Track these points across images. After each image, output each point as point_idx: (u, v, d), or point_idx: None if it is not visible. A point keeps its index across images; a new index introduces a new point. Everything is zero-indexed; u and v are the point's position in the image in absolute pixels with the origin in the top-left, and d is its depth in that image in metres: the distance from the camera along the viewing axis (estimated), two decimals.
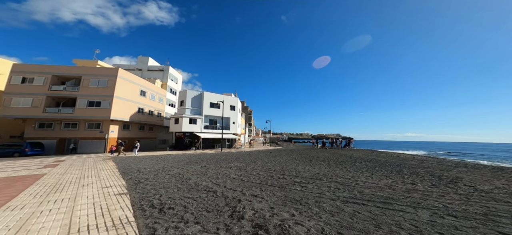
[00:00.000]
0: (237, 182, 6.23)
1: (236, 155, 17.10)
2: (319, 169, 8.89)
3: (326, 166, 9.81)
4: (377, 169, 8.84)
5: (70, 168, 8.85)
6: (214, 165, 9.98)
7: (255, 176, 7.27)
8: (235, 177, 7.08)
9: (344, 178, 6.82)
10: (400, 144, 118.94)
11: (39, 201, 4.23)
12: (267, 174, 7.56)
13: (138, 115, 25.98)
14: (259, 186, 5.70)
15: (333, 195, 4.79)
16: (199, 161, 12.08)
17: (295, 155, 16.30)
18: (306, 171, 8.24)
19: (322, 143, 25.99)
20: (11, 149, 17.66)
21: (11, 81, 19.80)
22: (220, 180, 6.48)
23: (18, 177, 6.78)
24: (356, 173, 7.77)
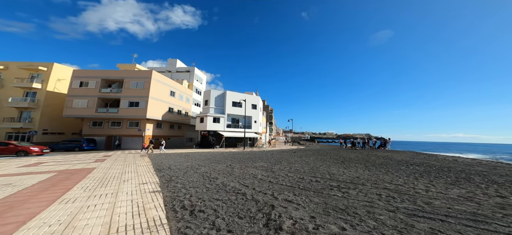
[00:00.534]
0: (265, 184, 5.85)
1: (259, 154, 16.80)
2: (356, 172, 7.86)
3: (363, 169, 8.66)
4: (435, 175, 7.34)
5: (114, 163, 9.86)
6: (239, 165, 9.83)
7: (284, 177, 6.79)
8: (263, 178, 6.71)
9: (395, 185, 5.75)
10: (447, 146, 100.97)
11: (87, 195, 4.59)
12: (297, 176, 6.98)
13: (168, 115, 28.18)
14: (291, 190, 5.20)
15: (389, 205, 3.96)
16: (224, 159, 12.16)
17: (323, 155, 15.08)
18: (342, 174, 7.34)
19: (352, 143, 23.63)
20: (72, 144, 21.16)
21: (72, 85, 23.70)
22: (248, 181, 6.20)
23: (75, 170, 7.78)
24: (407, 179, 6.57)
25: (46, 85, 23.99)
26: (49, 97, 24.07)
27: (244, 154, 16.88)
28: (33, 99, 23.27)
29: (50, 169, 7.99)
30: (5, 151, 13.93)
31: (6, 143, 14.34)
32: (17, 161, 11.23)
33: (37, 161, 11.11)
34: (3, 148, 13.96)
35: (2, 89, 23.21)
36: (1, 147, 13.98)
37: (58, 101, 24.59)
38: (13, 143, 14.38)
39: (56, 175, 6.71)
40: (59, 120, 24.85)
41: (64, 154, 16.43)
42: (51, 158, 13.32)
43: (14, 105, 22.47)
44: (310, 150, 22.98)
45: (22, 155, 14.18)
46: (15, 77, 23.46)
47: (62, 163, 10.18)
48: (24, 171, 7.45)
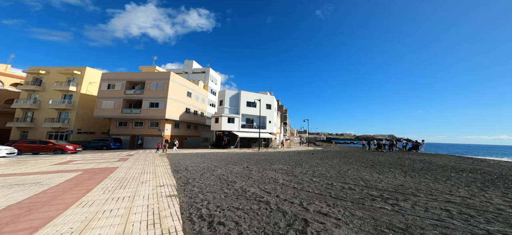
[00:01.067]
0: (289, 190, 5.20)
1: (276, 155, 16.07)
2: (395, 178, 6.78)
3: (403, 175, 7.50)
4: (505, 185, 5.90)
5: (135, 163, 10.06)
6: (256, 167, 9.27)
7: (309, 183, 6.05)
8: (285, 183, 6.05)
9: (460, 197, 4.69)
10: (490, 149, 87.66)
11: (105, 198, 4.43)
12: (325, 182, 6.17)
13: (185, 115, 28.99)
14: (322, 199, 4.46)
15: (473, 227, 3.04)
16: (240, 161, 11.74)
17: (347, 157, 13.77)
18: (378, 181, 6.34)
19: (378, 145, 21.48)
20: (101, 143, 22.87)
21: (101, 88, 25.72)
22: (269, 187, 5.59)
23: (99, 169, 7.99)
24: (470, 190, 5.42)
25: (80, 87, 26.44)
26: (83, 99, 26.49)
27: (259, 155, 16.32)
28: (70, 101, 25.81)
29: (78, 167, 8.35)
30: (45, 149, 15.46)
31: (46, 141, 15.91)
32: (52, 159, 12.24)
33: (69, 159, 11.93)
34: (43, 146, 15.50)
35: (44, 92, 26.19)
36: (42, 145, 15.55)
37: (90, 103, 26.91)
38: (51, 141, 15.90)
39: (81, 174, 6.89)
40: (90, 120, 27.22)
41: (94, 153, 17.71)
42: (82, 156, 14.32)
43: (54, 106, 25.18)
44: (329, 151, 21.47)
45: (59, 153, 15.59)
46: (55, 81, 26.26)
47: (90, 161, 10.75)
48: (55, 169, 7.88)
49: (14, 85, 28.20)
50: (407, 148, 21.12)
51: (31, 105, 25.10)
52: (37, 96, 25.99)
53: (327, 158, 13.99)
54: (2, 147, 12.68)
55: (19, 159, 12.12)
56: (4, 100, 26.73)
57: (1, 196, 4.21)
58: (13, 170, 7.44)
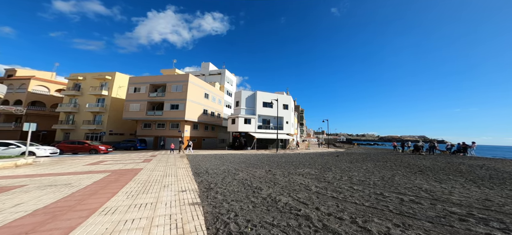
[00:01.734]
0: (329, 201, 4.39)
1: (297, 157, 15.04)
2: (467, 189, 5.53)
3: (471, 184, 6.15)
4: None
5: (158, 164, 10.14)
6: (280, 170, 8.54)
7: (350, 191, 5.15)
8: (320, 191, 5.22)
9: None
10: None
11: (128, 204, 4.18)
12: (370, 191, 5.20)
13: (203, 116, 29.56)
14: (381, 215, 3.57)
15: None
16: (260, 163, 11.11)
17: (382, 161, 12.13)
18: (447, 192, 5.18)
19: (416, 147, 18.90)
20: (129, 144, 24.47)
21: (128, 91, 27.66)
22: (302, 195, 4.84)
23: (125, 171, 8.10)
24: None
25: (111, 92, 28.83)
26: (113, 102, 28.85)
27: (279, 157, 15.49)
28: (103, 105, 28.32)
29: (106, 168, 8.61)
30: (82, 149, 16.93)
31: (83, 142, 17.43)
32: (86, 159, 13.17)
33: (101, 159, 12.66)
34: (81, 147, 16.99)
35: (82, 97, 29.19)
36: (79, 145, 17.06)
37: (119, 106, 29.16)
38: (87, 142, 17.36)
39: (108, 176, 6.96)
40: (120, 122, 29.50)
41: (122, 153, 18.88)
42: (112, 156, 15.22)
43: (90, 110, 27.88)
44: (355, 153, 19.54)
45: (93, 153, 16.92)
46: (90, 86, 29.11)
47: (118, 162, 11.20)
48: (86, 169, 8.22)
49: (58, 91, 32.07)
50: (452, 151, 18.17)
51: (72, 109, 28.17)
52: (76, 100, 29.09)
53: (357, 161, 12.54)
54: (47, 148, 14.11)
55: (59, 158, 13.31)
56: (51, 105, 30.53)
57: (32, 198, 4.22)
58: (51, 170, 7.93)
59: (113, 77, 29.33)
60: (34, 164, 9.59)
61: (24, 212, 3.43)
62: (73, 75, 29.56)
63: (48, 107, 30.57)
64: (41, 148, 13.61)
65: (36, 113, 29.28)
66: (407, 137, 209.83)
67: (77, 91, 28.92)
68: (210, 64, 42.46)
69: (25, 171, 7.49)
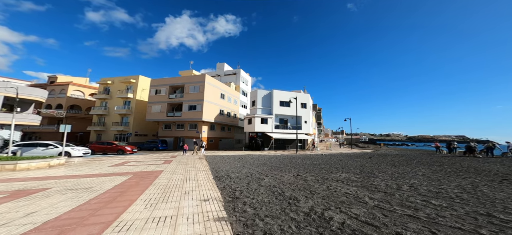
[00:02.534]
0: (409, 222, 3.27)
1: (321, 159, 13.60)
2: None
3: None
4: None
5: (178, 166, 9.80)
6: (311, 175, 7.44)
7: (430, 207, 3.91)
8: (381, 205, 4.07)
9: None
10: None
11: (145, 217, 3.57)
12: (468, 209, 3.87)
13: (220, 117, 29.50)
14: None
15: None
16: (283, 166, 10.08)
17: (436, 165, 10.11)
18: None
19: (469, 149, 15.91)
20: (151, 145, 25.41)
21: (150, 93, 28.92)
22: (357, 210, 3.75)
23: (146, 173, 7.81)
24: None
25: (135, 94, 30.53)
26: (137, 105, 30.50)
27: (301, 158, 14.21)
28: (129, 107, 30.13)
29: (129, 170, 8.47)
30: (110, 150, 17.86)
31: (111, 143, 18.40)
32: (113, 159, 13.61)
33: (126, 160, 12.92)
34: (109, 147, 17.94)
35: (111, 100, 31.48)
36: (108, 146, 18.02)
37: (143, 108, 30.71)
38: (115, 143, 18.28)
39: (129, 179, 6.67)
40: (143, 124, 31.09)
41: (145, 154, 19.52)
42: (136, 157, 15.63)
43: (118, 112, 29.87)
44: (390, 155, 17.17)
45: (120, 153, 17.72)
46: (117, 90, 31.21)
47: (140, 163, 11.21)
48: (110, 171, 8.14)
49: (91, 95, 35.17)
50: None
51: (103, 111, 30.53)
52: (107, 103, 31.48)
53: (400, 164, 10.71)
54: (80, 148, 15.04)
55: (90, 159, 13.99)
56: (85, 108, 33.61)
57: (48, 205, 3.87)
58: (79, 171, 8.00)
59: (137, 80, 31.02)
60: (66, 164, 10.02)
61: (32, 224, 2.99)
62: (103, 79, 32.06)
63: (84, 110, 33.70)
64: (76, 149, 14.53)
65: (73, 116, 32.46)
66: (441, 136, 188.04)
67: (106, 94, 31.27)
68: (225, 64, 42.63)
69: (56, 172, 7.66)
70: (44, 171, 7.64)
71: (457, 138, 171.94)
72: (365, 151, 27.06)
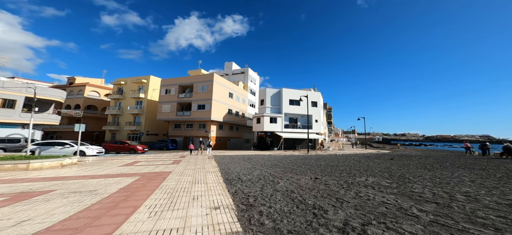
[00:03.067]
0: None
1: (337, 160, 12.60)
2: None
3: None
4: None
5: (187, 167, 9.42)
6: (332, 179, 6.66)
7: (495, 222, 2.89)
8: (442, 221, 3.20)
9: None
10: None
11: (148, 229, 3.06)
12: None
13: (228, 116, 29.18)
14: None
15: None
16: (297, 167, 9.33)
17: (477, 169, 8.76)
18: None
19: (507, 150, 14.09)
20: (162, 144, 25.68)
21: (161, 93, 29.29)
22: (413, 228, 2.97)
23: (154, 174, 7.47)
24: None
25: (147, 94, 31.14)
26: (149, 104, 31.10)
27: (315, 159, 13.30)
28: (140, 107, 30.80)
29: (137, 170, 8.21)
30: (123, 149, 18.13)
31: (124, 142, 18.68)
32: (124, 158, 13.64)
33: (136, 160, 12.87)
34: (122, 146, 18.21)
35: (124, 100, 32.39)
36: (121, 145, 18.30)
37: (154, 107, 31.25)
38: (127, 142, 18.54)
39: (137, 180, 6.32)
40: (154, 123, 31.67)
41: (156, 153, 19.63)
42: (146, 157, 15.64)
43: (130, 112, 30.65)
44: (414, 157, 15.59)
45: (132, 153, 17.93)
46: (130, 90, 32.03)
47: (150, 163, 11.02)
48: (119, 171, 7.92)
49: (106, 96, 36.52)
50: None
51: (117, 111, 31.51)
52: (120, 103, 32.45)
53: (433, 167, 9.49)
54: (95, 147, 15.33)
55: (103, 158, 14.16)
56: (101, 108, 34.96)
57: (45, 212, 3.50)
58: (88, 171, 7.85)
59: (148, 80, 31.61)
60: (78, 163, 10.05)
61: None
62: (117, 80, 33.09)
63: (99, 110, 35.08)
64: (90, 148, 14.81)
65: (90, 116, 33.90)
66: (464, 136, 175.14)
67: (120, 95, 32.23)
68: (233, 63, 42.34)
69: (66, 172, 7.56)
70: (55, 171, 7.58)
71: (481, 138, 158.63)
72: (382, 151, 25.29)
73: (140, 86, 31.86)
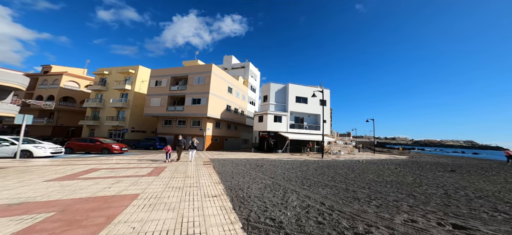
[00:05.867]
0: None
1: (363, 168, 9.35)
2: None
3: None
4: None
5: (169, 184, 5.78)
6: (376, 199, 3.22)
7: None
8: None
9: None
10: None
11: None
12: None
13: (226, 113, 25.53)
14: None
15: None
16: (346, 185, 5.92)
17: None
18: None
19: None
20: (149, 143, 21.62)
21: (150, 85, 25.14)
22: None
23: (107, 199, 3.81)
24: None
25: (134, 86, 26.78)
26: (136, 98, 26.77)
27: (336, 167, 9.96)
28: (126, 100, 26.42)
29: (68, 194, 4.52)
30: (93, 148, 14.03)
31: (95, 140, 14.54)
32: (87, 161, 9.74)
33: (97, 165, 9.03)
34: (92, 145, 14.09)
35: (107, 92, 27.79)
36: (90, 143, 14.16)
37: (142, 101, 26.94)
38: (99, 140, 14.43)
39: (61, 214, 2.65)
40: (142, 119, 27.35)
41: (139, 153, 15.70)
42: (120, 159, 11.76)
43: (113, 105, 26.16)
44: (463, 166, 12.51)
45: (106, 153, 13.92)
46: (115, 81, 27.55)
47: (115, 171, 7.28)
48: (43, 191, 4.20)
49: (87, 87, 31.70)
50: None
51: (97, 104, 26.91)
52: (102, 96, 27.86)
53: (492, 181, 6.38)
54: (49, 145, 11.26)
55: (60, 160, 10.17)
56: (80, 101, 30.13)
57: None
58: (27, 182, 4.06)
59: (136, 70, 27.34)
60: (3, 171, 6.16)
61: None
62: (100, 69, 28.51)
63: (78, 103, 30.23)
64: (42, 147, 10.75)
65: (66, 108, 28.99)
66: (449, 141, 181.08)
67: (102, 86, 27.67)
68: (232, 57, 38.76)
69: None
70: None
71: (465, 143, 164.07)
72: (400, 157, 22.53)
73: (126, 77, 27.48)
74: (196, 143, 10.61)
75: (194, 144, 10.52)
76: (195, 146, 10.54)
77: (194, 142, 10.54)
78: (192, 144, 10.43)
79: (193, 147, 10.40)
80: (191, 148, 10.35)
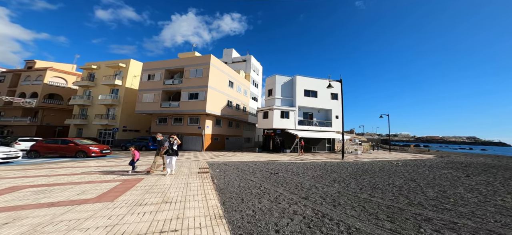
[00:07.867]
0: None
1: (408, 174, 6.66)
2: None
3: None
4: None
5: (140, 202, 3.13)
6: None
7: None
8: None
9: None
10: None
11: None
12: None
13: (227, 109, 22.89)
14: None
15: None
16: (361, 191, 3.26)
17: None
18: None
19: None
20: (141, 143, 19.02)
21: (142, 79, 22.47)
22: None
23: None
24: None
25: (125, 81, 24.12)
26: (127, 94, 24.12)
27: (373, 173, 7.24)
28: (116, 96, 23.79)
29: None
30: (66, 151, 11.42)
31: (68, 141, 11.89)
32: (44, 170, 7.14)
33: (52, 178, 6.44)
34: (64, 147, 11.46)
35: (96, 88, 25.11)
36: (63, 145, 11.53)
37: (134, 98, 24.25)
38: (73, 142, 11.81)
39: None
40: (134, 117, 24.73)
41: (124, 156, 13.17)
42: (93, 164, 9.16)
43: (102, 102, 23.52)
44: (501, 166, 9.87)
45: (81, 157, 11.33)
46: (104, 76, 24.87)
47: (45, 192, 4.69)
48: None
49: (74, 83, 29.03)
50: None
51: (84, 101, 24.29)
52: (90, 92, 25.23)
53: None
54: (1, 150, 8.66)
55: (6, 168, 7.60)
56: (68, 98, 27.50)
57: None
58: None
59: (128, 64, 24.66)
60: None
61: None
62: (88, 64, 25.84)
63: (65, 101, 27.60)
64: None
65: (51, 106, 26.37)
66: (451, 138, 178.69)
67: (91, 81, 25.01)
68: (233, 50, 36.02)
69: None
70: None
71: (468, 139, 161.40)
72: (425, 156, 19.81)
73: (117, 71, 24.80)
74: (176, 145, 6.50)
75: (173, 147, 6.40)
76: (175, 150, 6.44)
77: (173, 143, 6.45)
78: (170, 146, 6.35)
79: (172, 153, 6.36)
80: (168, 154, 6.39)
